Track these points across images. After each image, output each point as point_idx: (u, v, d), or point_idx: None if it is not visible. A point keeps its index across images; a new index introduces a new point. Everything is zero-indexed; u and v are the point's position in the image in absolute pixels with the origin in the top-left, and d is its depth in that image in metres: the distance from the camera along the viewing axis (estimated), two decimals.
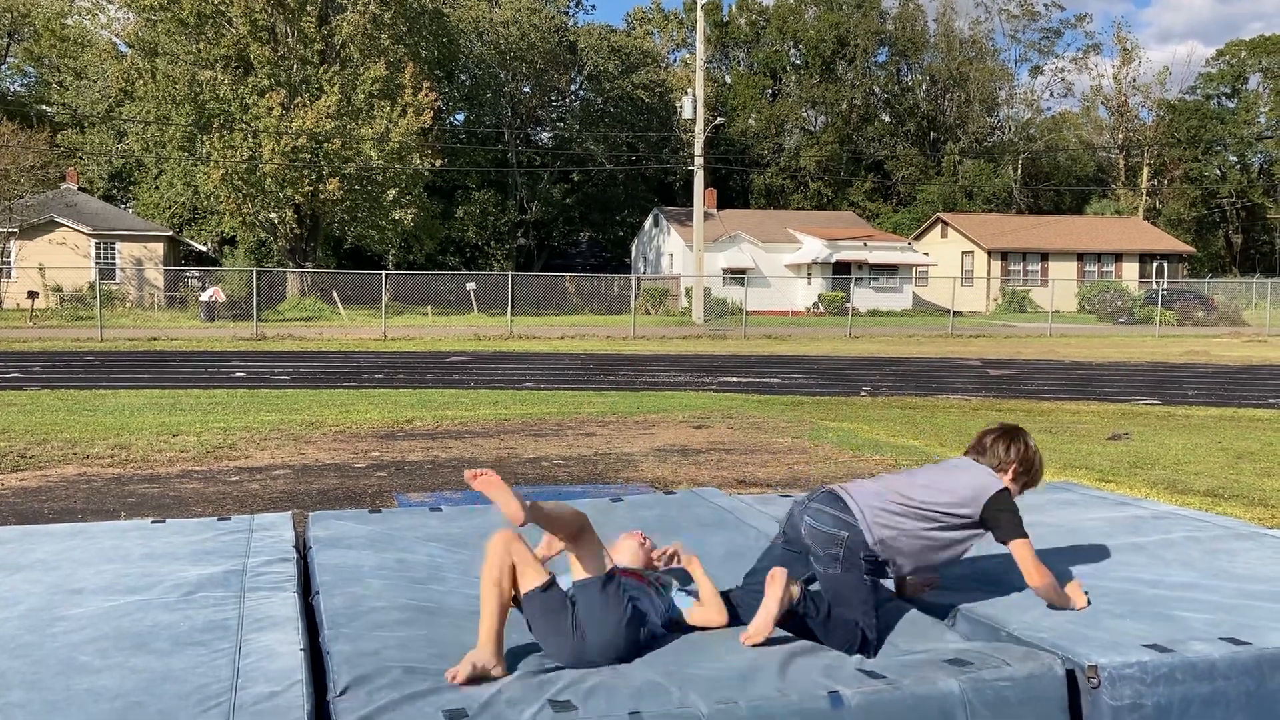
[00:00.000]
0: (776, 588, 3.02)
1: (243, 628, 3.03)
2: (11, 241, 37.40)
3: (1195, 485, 7.92)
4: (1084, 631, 3.02)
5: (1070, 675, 2.81)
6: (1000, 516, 3.31)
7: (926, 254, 49.97)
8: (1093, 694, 2.78)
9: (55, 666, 2.74)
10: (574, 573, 3.04)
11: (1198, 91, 72.36)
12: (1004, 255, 51.10)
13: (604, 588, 2.94)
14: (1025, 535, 3.29)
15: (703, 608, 3.22)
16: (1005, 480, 3.44)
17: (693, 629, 3.17)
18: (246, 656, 2.79)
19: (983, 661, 2.81)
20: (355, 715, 2.43)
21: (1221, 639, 2.96)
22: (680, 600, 3.24)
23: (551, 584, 2.93)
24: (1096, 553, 3.99)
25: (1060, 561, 3.83)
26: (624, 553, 3.33)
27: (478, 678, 2.69)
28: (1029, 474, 3.51)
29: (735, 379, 17.55)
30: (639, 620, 2.93)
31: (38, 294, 33.08)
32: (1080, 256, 51.60)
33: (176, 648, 2.87)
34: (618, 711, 2.51)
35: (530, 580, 2.93)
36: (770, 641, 3.01)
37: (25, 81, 56.96)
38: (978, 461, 3.52)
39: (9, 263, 37.56)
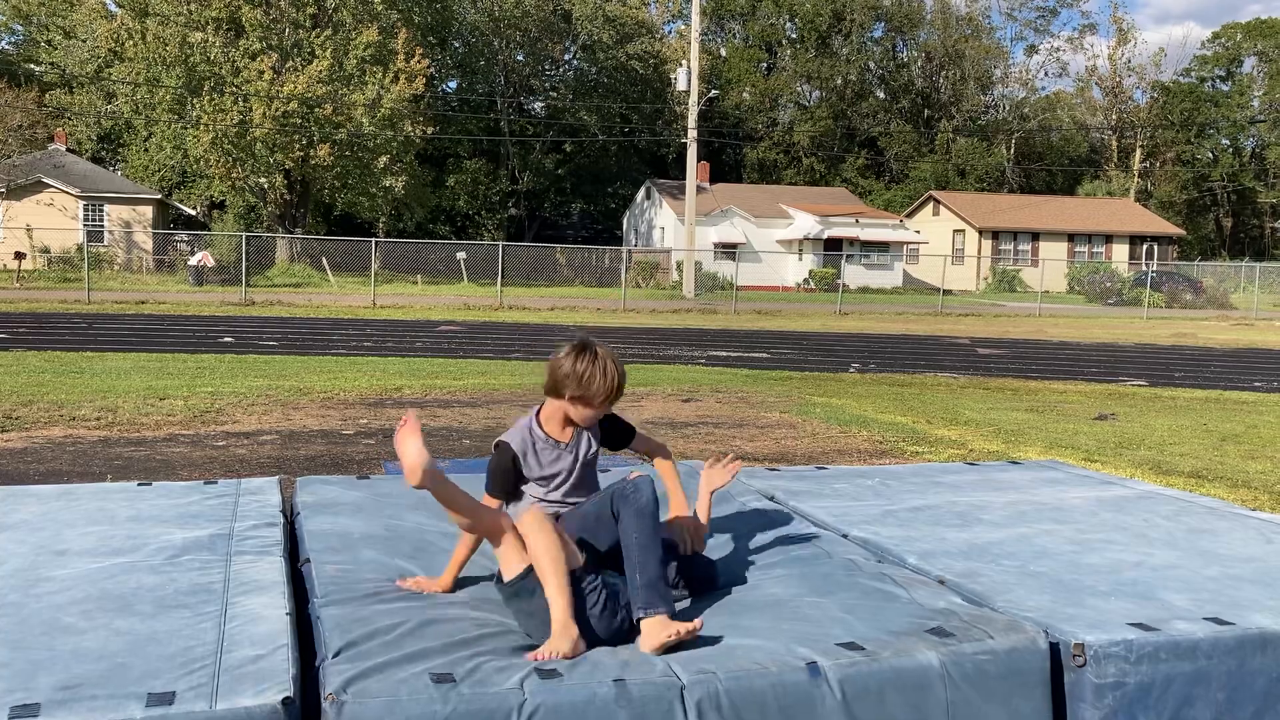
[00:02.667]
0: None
1: (228, 591, 3.03)
2: None
3: (1180, 466, 7.96)
4: (1067, 609, 3.04)
5: (1053, 651, 2.82)
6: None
7: (918, 232, 49.98)
8: (1076, 671, 2.79)
9: (39, 627, 2.73)
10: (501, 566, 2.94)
11: (1192, 74, 72.31)
12: (995, 234, 51.14)
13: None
14: (492, 495, 3.19)
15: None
16: (560, 403, 3.20)
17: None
18: (232, 620, 2.79)
19: (964, 634, 2.82)
20: (342, 678, 2.43)
21: (1205, 619, 2.98)
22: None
23: (529, 571, 2.89)
24: (1081, 531, 4.00)
25: (1045, 539, 3.85)
26: None
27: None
28: (581, 388, 3.16)
29: (724, 353, 17.55)
30: (608, 617, 2.87)
31: (25, 255, 32.86)
32: (1071, 237, 51.67)
33: (161, 610, 2.87)
34: (602, 679, 2.52)
35: (512, 565, 2.91)
36: (752, 615, 3.02)
37: (13, 39, 56.38)
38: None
39: None
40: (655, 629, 2.77)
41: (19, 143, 37.76)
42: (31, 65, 50.76)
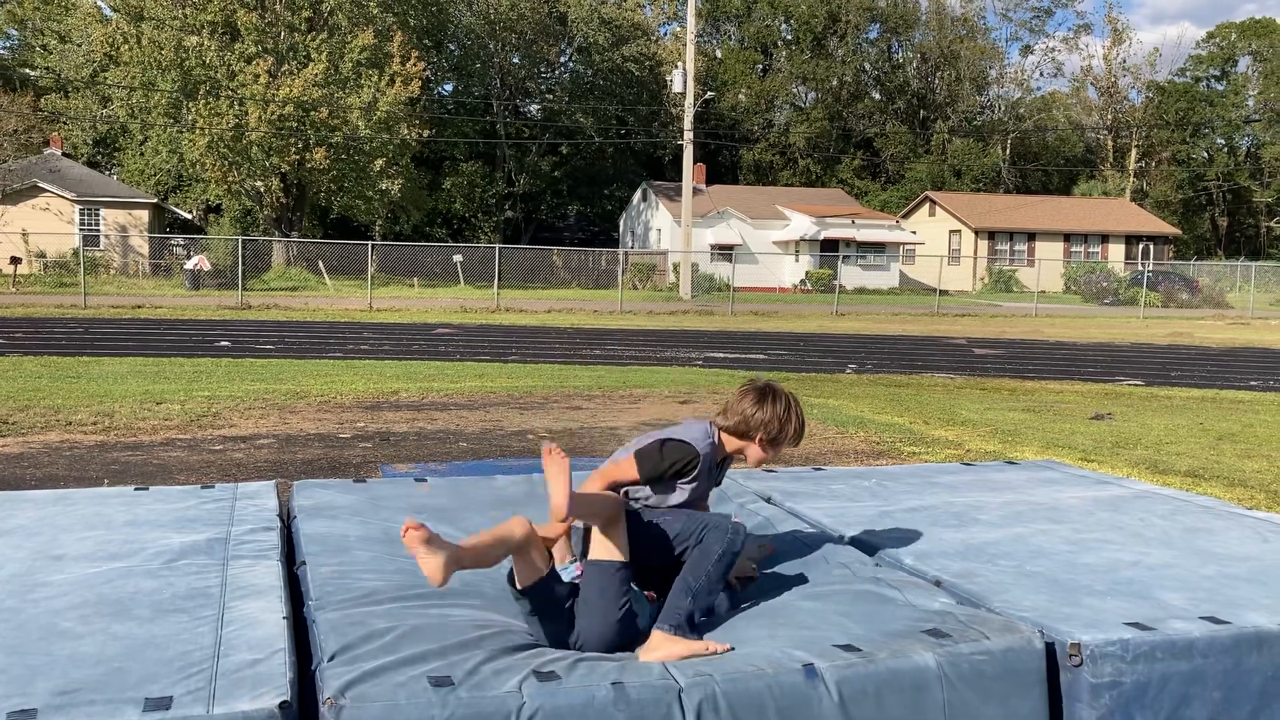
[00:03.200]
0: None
1: (225, 595, 3.03)
2: None
3: (1176, 465, 7.97)
4: (1064, 609, 3.04)
5: (1050, 650, 2.83)
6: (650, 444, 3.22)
7: (914, 232, 50.00)
8: (1073, 671, 2.80)
9: (36, 632, 2.73)
10: (592, 550, 3.00)
11: (1187, 73, 72.39)
12: (991, 235, 51.18)
13: (616, 573, 2.93)
14: (644, 471, 3.16)
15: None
16: (743, 444, 3.29)
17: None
18: (229, 624, 2.79)
19: (961, 634, 2.82)
20: (340, 682, 2.43)
21: (1201, 618, 2.99)
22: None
23: (552, 575, 2.94)
24: (1078, 531, 4.01)
25: (1042, 539, 3.85)
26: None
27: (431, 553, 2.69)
28: (780, 439, 3.29)
29: (722, 354, 17.56)
30: (630, 619, 2.93)
31: (21, 260, 32.83)
32: (1067, 237, 51.72)
33: (159, 615, 2.87)
34: (600, 682, 2.52)
35: (533, 570, 2.91)
36: (748, 617, 3.02)
37: (8, 44, 56.28)
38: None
39: None
40: (666, 644, 2.82)
41: (14, 147, 37.70)
42: (27, 70, 50.73)
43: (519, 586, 2.92)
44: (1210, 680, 2.87)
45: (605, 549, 2.98)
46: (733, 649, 2.82)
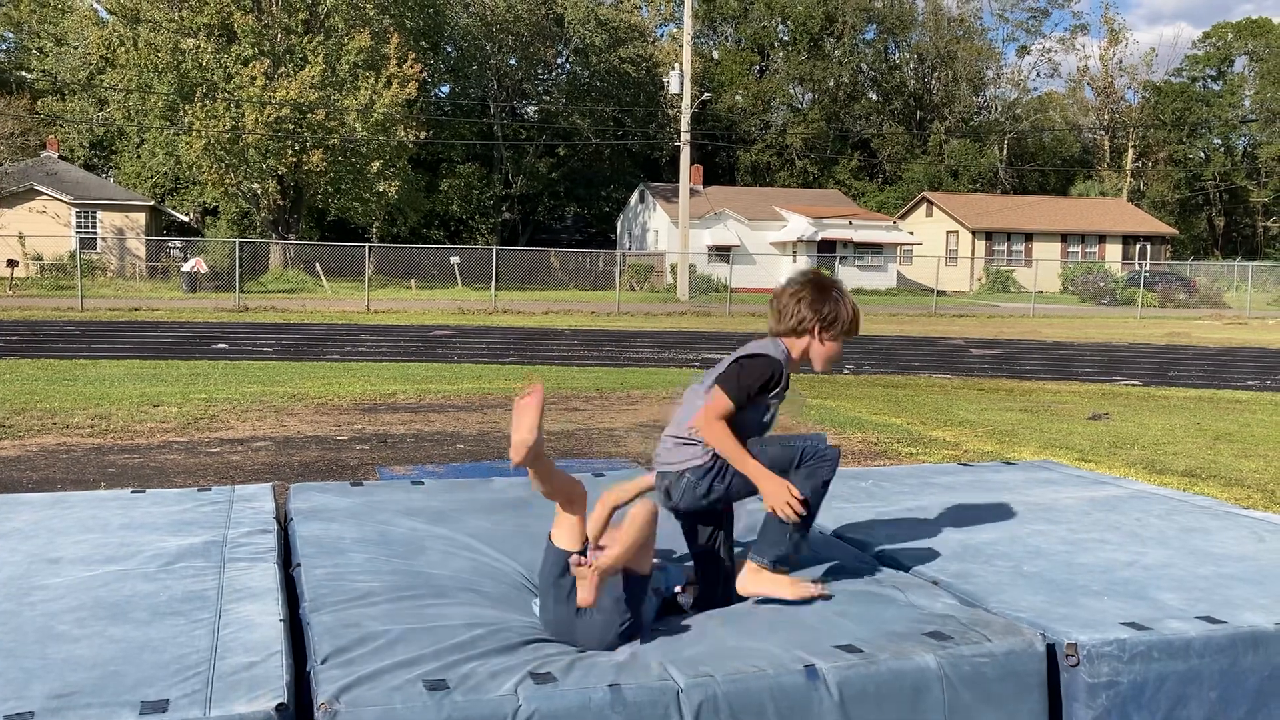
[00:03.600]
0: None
1: (222, 598, 3.02)
2: None
3: (1173, 465, 7.98)
4: (1060, 609, 3.04)
5: (1050, 652, 2.83)
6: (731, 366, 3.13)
7: (911, 233, 50.06)
8: (1070, 671, 2.80)
9: (33, 635, 2.73)
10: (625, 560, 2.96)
11: (1184, 74, 72.50)
12: (988, 235, 51.23)
13: (635, 584, 2.92)
14: (733, 394, 3.05)
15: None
16: (805, 341, 3.19)
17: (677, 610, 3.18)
18: (226, 627, 2.78)
19: (962, 636, 2.82)
20: (335, 685, 2.43)
21: (1198, 618, 2.99)
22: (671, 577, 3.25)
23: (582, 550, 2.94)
24: (1074, 531, 4.01)
25: (1039, 539, 3.85)
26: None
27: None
28: (838, 324, 3.18)
29: (719, 356, 17.53)
30: (630, 634, 2.90)
31: (17, 263, 32.81)
32: (1064, 237, 51.78)
33: (155, 618, 2.86)
34: (597, 684, 2.52)
35: (566, 539, 2.93)
36: (747, 618, 3.02)
37: (4, 47, 56.25)
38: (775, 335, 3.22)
39: None
40: (754, 578, 3.06)
41: (11, 150, 37.72)
42: (23, 73, 50.70)
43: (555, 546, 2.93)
44: (1207, 680, 2.87)
45: (636, 560, 2.91)
46: (829, 596, 3.07)
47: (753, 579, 3.09)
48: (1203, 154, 70.47)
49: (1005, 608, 3.06)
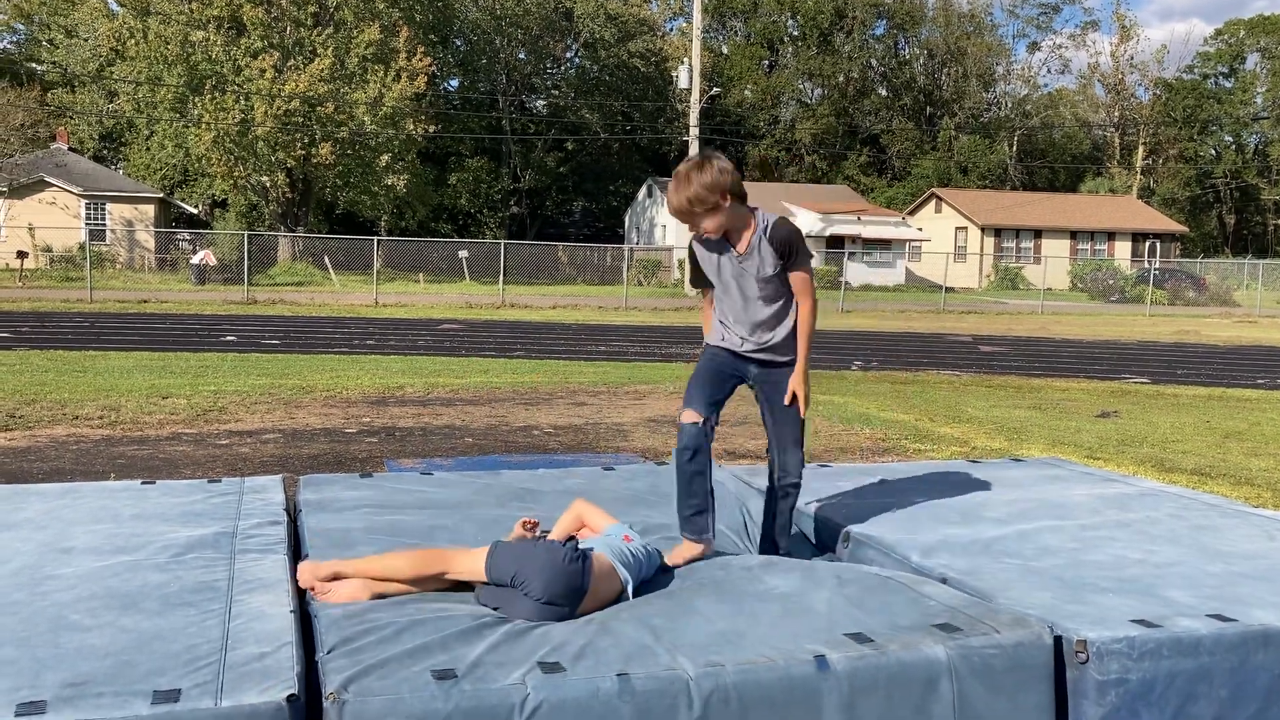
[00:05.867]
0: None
1: (233, 589, 3.03)
2: (1, 201, 37.13)
3: (1183, 464, 7.96)
4: (1070, 606, 3.04)
5: (1056, 647, 2.83)
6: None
7: (920, 229, 49.93)
8: (1079, 668, 2.80)
9: (45, 625, 2.74)
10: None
11: (1195, 71, 72.19)
12: (997, 232, 51.09)
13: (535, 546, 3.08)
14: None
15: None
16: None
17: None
18: (236, 618, 2.79)
19: (971, 628, 2.82)
20: (343, 675, 2.44)
21: (1208, 615, 2.98)
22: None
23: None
24: (1083, 528, 4.01)
25: (1048, 536, 3.85)
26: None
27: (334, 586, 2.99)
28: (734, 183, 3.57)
29: None
30: (583, 557, 2.99)
31: (27, 254, 32.87)
32: (1073, 234, 51.62)
33: (166, 608, 2.87)
34: (606, 673, 2.52)
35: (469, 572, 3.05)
36: (758, 610, 3.02)
37: (15, 39, 56.36)
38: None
39: None
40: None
41: (21, 142, 37.72)
42: (33, 64, 50.76)
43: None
44: (1216, 678, 2.87)
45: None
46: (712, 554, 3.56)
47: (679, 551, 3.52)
48: (1214, 151, 70.20)
49: (1014, 604, 3.05)
